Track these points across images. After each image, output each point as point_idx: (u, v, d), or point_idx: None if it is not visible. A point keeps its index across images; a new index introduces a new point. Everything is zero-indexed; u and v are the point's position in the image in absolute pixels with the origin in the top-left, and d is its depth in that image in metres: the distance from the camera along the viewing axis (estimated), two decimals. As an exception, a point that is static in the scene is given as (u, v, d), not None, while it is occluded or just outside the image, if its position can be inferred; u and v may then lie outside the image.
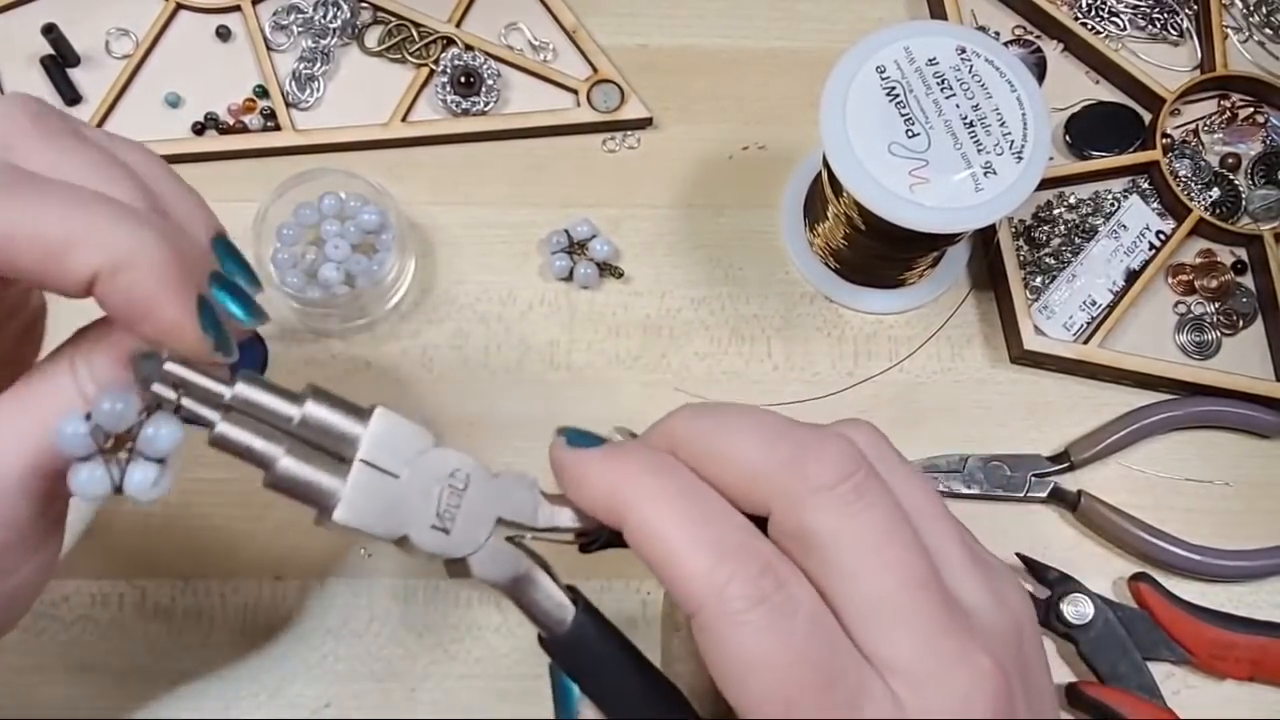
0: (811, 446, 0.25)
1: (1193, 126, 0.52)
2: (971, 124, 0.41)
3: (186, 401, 0.26)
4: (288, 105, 0.50)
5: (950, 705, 0.23)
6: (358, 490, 0.26)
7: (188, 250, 0.26)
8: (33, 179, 0.26)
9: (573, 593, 0.28)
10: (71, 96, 0.49)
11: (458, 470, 0.27)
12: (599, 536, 0.29)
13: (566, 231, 0.48)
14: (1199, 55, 0.53)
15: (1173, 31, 0.54)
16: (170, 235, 0.26)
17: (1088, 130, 0.51)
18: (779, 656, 0.23)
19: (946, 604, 0.24)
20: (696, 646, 0.25)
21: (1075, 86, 0.53)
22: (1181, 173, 0.51)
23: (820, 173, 0.46)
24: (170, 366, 0.26)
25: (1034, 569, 0.44)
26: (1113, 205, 0.50)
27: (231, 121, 0.50)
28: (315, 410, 0.26)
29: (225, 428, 0.26)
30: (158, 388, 0.26)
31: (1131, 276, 0.49)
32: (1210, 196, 0.51)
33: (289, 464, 0.26)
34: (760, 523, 0.26)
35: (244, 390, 0.26)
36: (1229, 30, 0.53)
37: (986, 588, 0.26)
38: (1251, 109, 0.52)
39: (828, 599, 0.24)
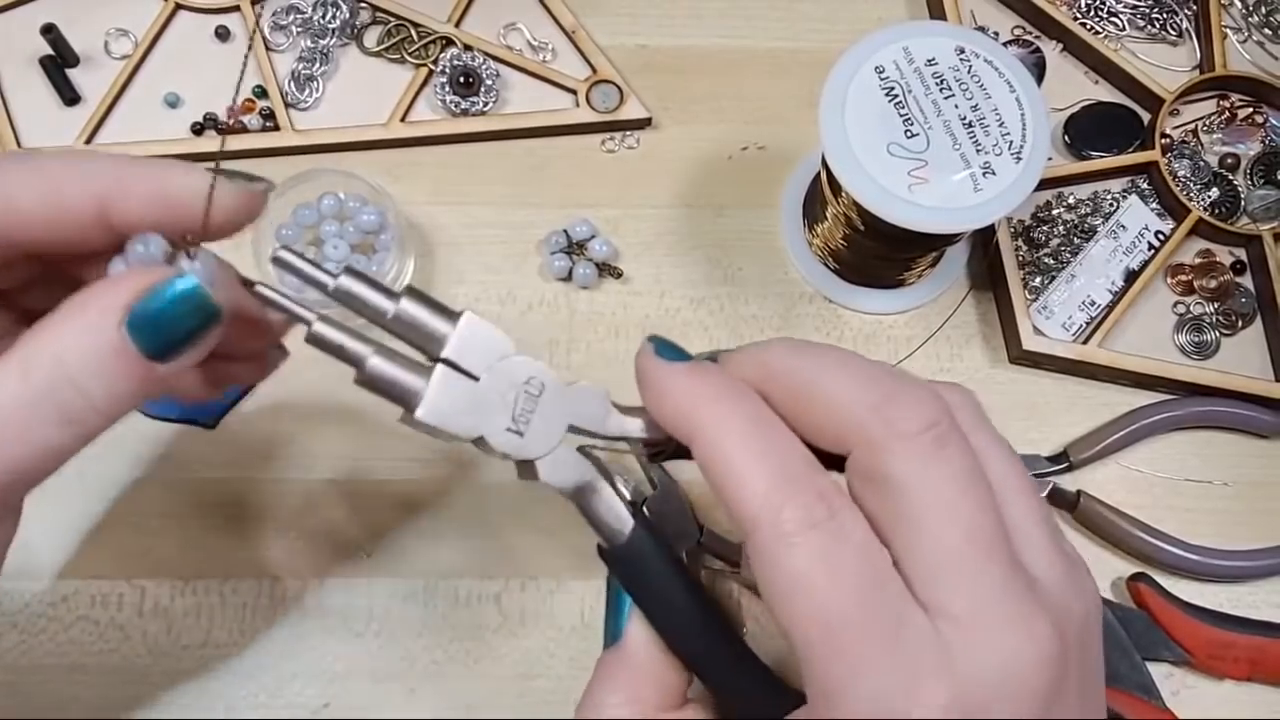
0: (901, 393, 0.25)
1: (1192, 127, 0.52)
2: (970, 124, 0.41)
3: (288, 304, 0.28)
4: (287, 105, 0.50)
5: (997, 657, 0.23)
6: (439, 389, 0.27)
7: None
8: (9, 160, 0.28)
9: (634, 507, 0.29)
10: (71, 97, 0.49)
11: (533, 377, 0.29)
12: (666, 448, 0.30)
13: (566, 232, 0.48)
14: (1198, 55, 0.53)
15: (1172, 31, 0.54)
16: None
17: (1087, 130, 0.51)
18: (824, 579, 0.24)
19: (1013, 567, 0.25)
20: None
21: (1074, 87, 0.53)
22: (1180, 173, 0.51)
23: (819, 173, 0.46)
24: (281, 254, 0.28)
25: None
26: (1112, 205, 0.50)
27: (231, 122, 0.50)
28: (409, 307, 0.28)
29: (321, 327, 0.28)
30: (284, 254, 0.28)
31: (1130, 277, 0.49)
32: (1209, 197, 0.51)
33: (377, 363, 0.27)
34: (836, 463, 0.26)
35: (347, 283, 0.28)
36: (1228, 30, 0.53)
37: (1062, 569, 0.26)
38: (1250, 109, 0.52)
39: (891, 544, 0.25)
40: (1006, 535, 0.25)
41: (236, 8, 0.51)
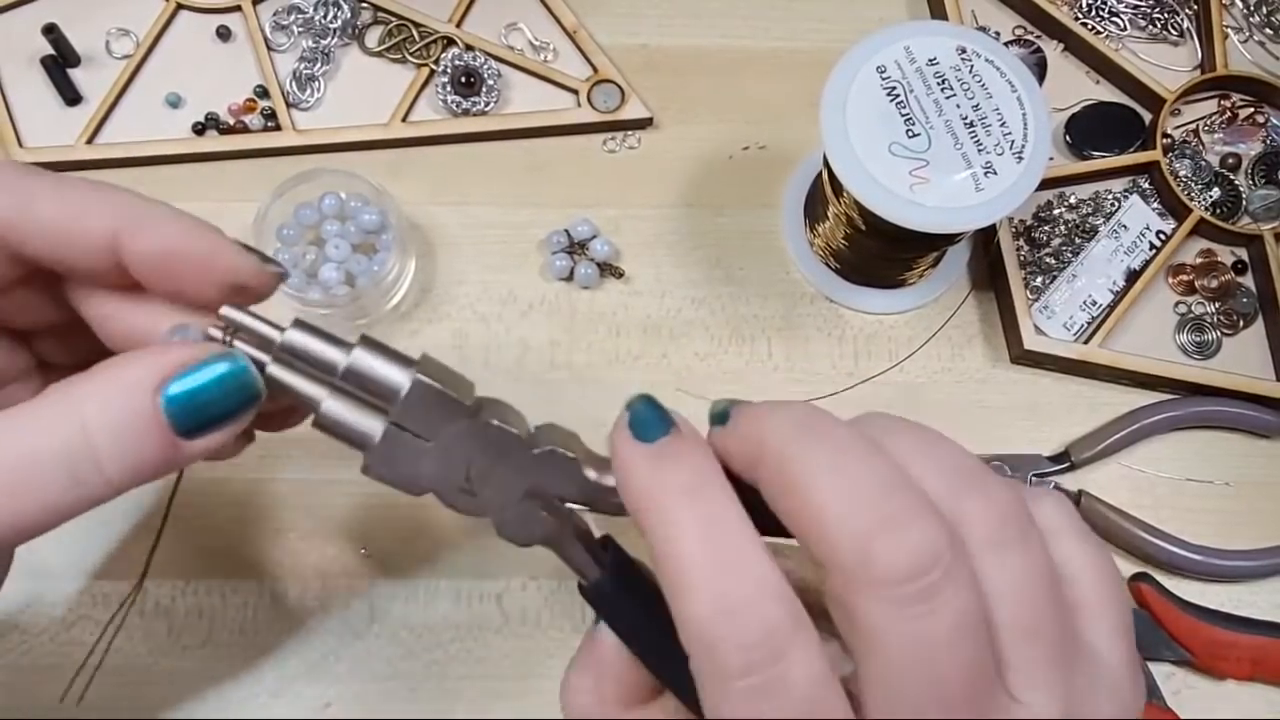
0: (900, 524, 0.22)
1: (1193, 126, 0.52)
2: (972, 124, 0.40)
3: (240, 345, 0.27)
4: (288, 105, 0.50)
5: None
6: (387, 448, 0.27)
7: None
8: (40, 173, 0.28)
9: (605, 541, 0.29)
10: (72, 97, 0.49)
11: (495, 440, 0.28)
12: None
13: (567, 231, 0.48)
14: (1199, 55, 0.53)
15: (1173, 31, 0.54)
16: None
17: (1088, 130, 0.51)
18: None
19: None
20: None
21: (1075, 86, 0.53)
22: (1182, 173, 0.51)
23: (820, 173, 0.46)
24: (227, 311, 0.27)
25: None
26: (1113, 205, 0.50)
27: (232, 121, 0.50)
28: (361, 358, 0.27)
29: (275, 370, 0.27)
30: (212, 331, 0.27)
31: (1132, 276, 0.49)
32: (1210, 196, 0.51)
33: (332, 406, 0.27)
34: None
35: (294, 336, 0.27)
36: (1229, 30, 0.53)
37: (1059, 693, 0.23)
38: (1251, 109, 0.52)
39: (854, 677, 0.23)
40: (987, 677, 0.22)
41: (237, 7, 0.51)
